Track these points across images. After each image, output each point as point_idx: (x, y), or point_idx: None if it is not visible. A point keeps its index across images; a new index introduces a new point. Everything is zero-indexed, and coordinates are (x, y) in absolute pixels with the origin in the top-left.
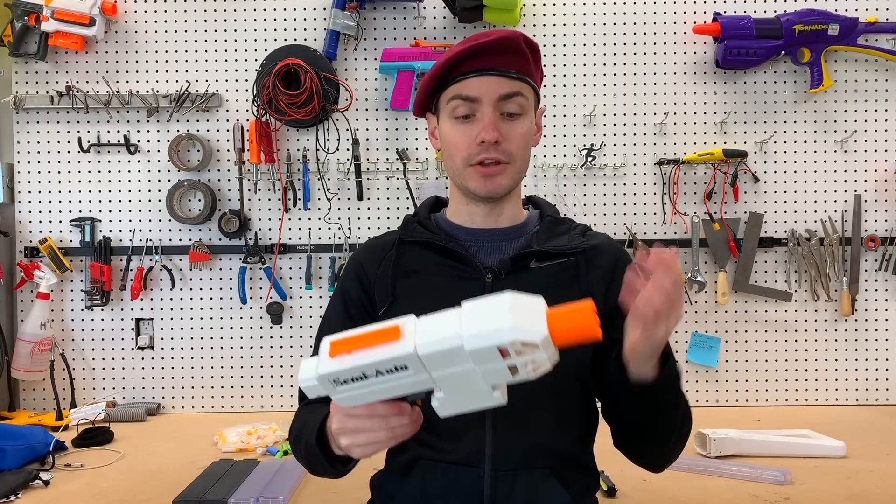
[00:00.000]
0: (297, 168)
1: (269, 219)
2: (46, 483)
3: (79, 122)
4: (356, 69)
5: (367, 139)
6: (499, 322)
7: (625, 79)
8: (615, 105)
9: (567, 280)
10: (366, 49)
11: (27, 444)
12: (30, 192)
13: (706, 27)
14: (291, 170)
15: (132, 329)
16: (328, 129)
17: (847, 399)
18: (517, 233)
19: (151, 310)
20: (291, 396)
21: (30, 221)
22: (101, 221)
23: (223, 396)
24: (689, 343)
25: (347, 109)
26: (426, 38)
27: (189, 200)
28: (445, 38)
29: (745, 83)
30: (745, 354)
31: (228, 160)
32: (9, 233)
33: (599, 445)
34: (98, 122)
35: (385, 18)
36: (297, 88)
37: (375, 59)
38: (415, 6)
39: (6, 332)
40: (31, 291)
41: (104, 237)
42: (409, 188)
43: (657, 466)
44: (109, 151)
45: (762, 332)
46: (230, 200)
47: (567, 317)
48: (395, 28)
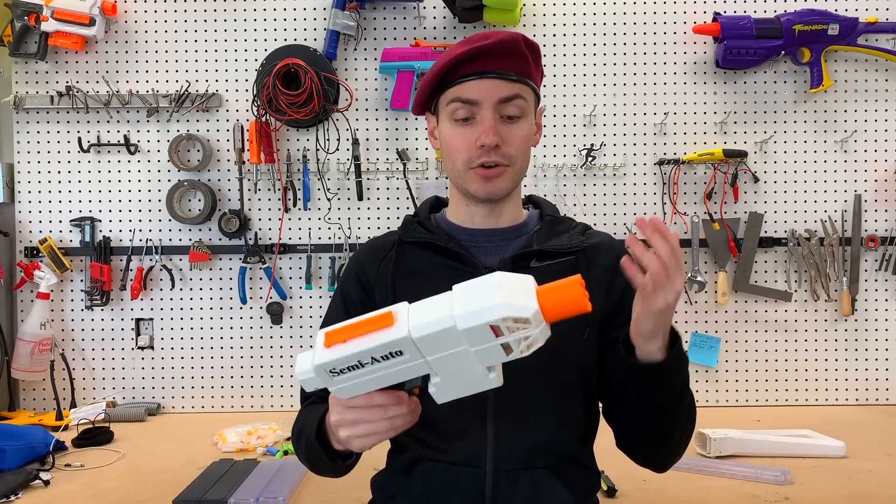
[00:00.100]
0: (297, 168)
1: (269, 219)
2: (46, 483)
3: (79, 122)
4: (356, 69)
5: (367, 139)
6: (489, 300)
7: (625, 79)
8: (615, 105)
9: None
10: (366, 49)
11: (27, 444)
12: (30, 192)
13: (706, 27)
14: (291, 170)
15: (132, 329)
16: (328, 129)
17: (847, 399)
18: (517, 232)
19: (151, 310)
20: (291, 396)
21: (30, 221)
22: (101, 221)
23: (223, 396)
24: (689, 343)
25: (347, 109)
26: (426, 38)
27: (189, 200)
28: (445, 38)
29: (745, 83)
30: (745, 354)
31: (228, 160)
32: (9, 233)
33: (600, 445)
34: (98, 122)
35: (385, 18)
36: (297, 88)
37: (375, 59)
38: (415, 6)
39: (6, 332)
40: (31, 291)
41: (104, 237)
42: (409, 188)
43: (660, 465)
44: (109, 151)
45: (762, 332)
46: (230, 200)
47: (556, 291)
48: (395, 28)
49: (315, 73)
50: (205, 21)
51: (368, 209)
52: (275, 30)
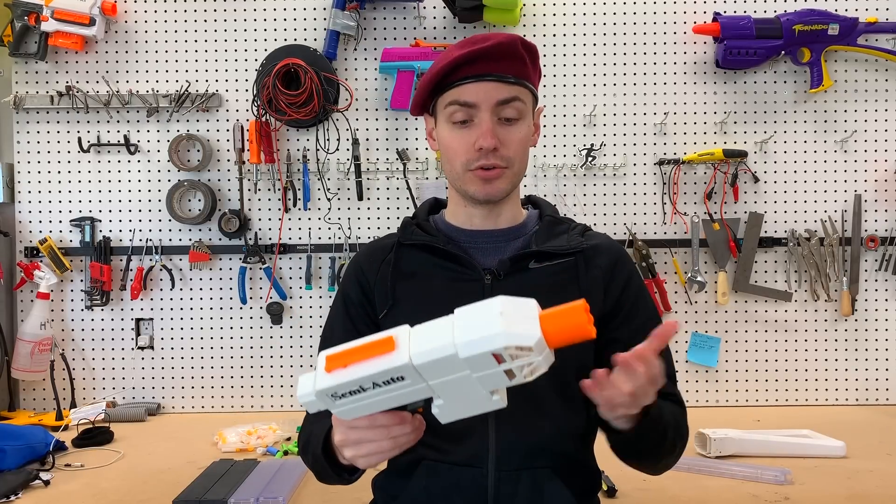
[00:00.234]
0: (297, 168)
1: (269, 219)
2: (46, 483)
3: (79, 122)
4: (356, 69)
5: (367, 139)
6: (491, 328)
7: (625, 79)
8: (615, 105)
9: (566, 280)
10: (366, 49)
11: (27, 444)
12: (30, 192)
13: (706, 27)
14: (291, 170)
15: (132, 329)
16: (328, 129)
17: (847, 399)
18: (516, 233)
19: (151, 310)
20: (291, 396)
21: (30, 221)
22: (101, 221)
23: (223, 396)
24: (689, 343)
25: (347, 109)
26: (426, 38)
27: (189, 200)
28: (445, 38)
29: (745, 83)
30: (745, 354)
31: (228, 160)
32: (9, 233)
33: (600, 445)
34: (98, 122)
35: (385, 18)
36: (297, 88)
37: (375, 59)
38: (415, 6)
39: (6, 332)
40: (31, 291)
41: (104, 237)
42: (409, 188)
43: (651, 474)
44: (109, 151)
45: (762, 332)
46: (230, 200)
47: (560, 317)
48: (395, 28)
49: (315, 73)
50: (205, 21)
51: (368, 209)
52: (275, 30)
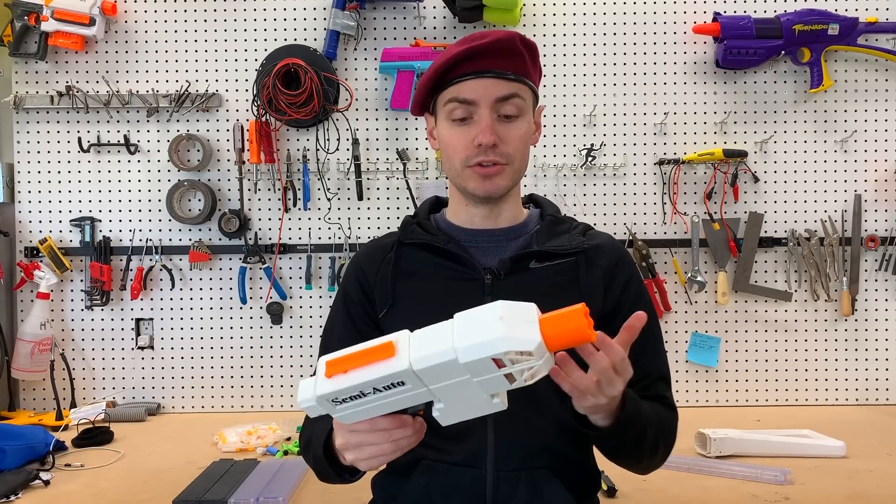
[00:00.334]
0: (297, 168)
1: (269, 219)
2: (46, 483)
3: (79, 122)
4: (356, 69)
5: (367, 139)
6: (491, 333)
7: (625, 79)
8: (615, 105)
9: (567, 281)
10: (366, 49)
11: (27, 444)
12: (30, 192)
13: (706, 27)
14: (291, 170)
15: (132, 329)
16: (328, 129)
17: (847, 399)
18: (517, 233)
19: (151, 310)
20: (291, 396)
21: (30, 221)
22: (101, 221)
23: (223, 396)
24: (689, 343)
25: (347, 109)
26: (426, 38)
27: (189, 200)
28: (445, 38)
29: (745, 83)
30: (745, 354)
31: (228, 160)
32: (9, 233)
33: None
34: (98, 122)
35: (385, 18)
36: (297, 88)
37: (375, 59)
38: (415, 6)
39: (6, 332)
40: (31, 291)
41: (104, 237)
42: (409, 188)
43: (638, 474)
44: (109, 151)
45: (762, 332)
46: (230, 200)
47: (560, 321)
48: (395, 28)
49: (315, 73)
50: (205, 21)
51: (368, 209)
52: (275, 30)
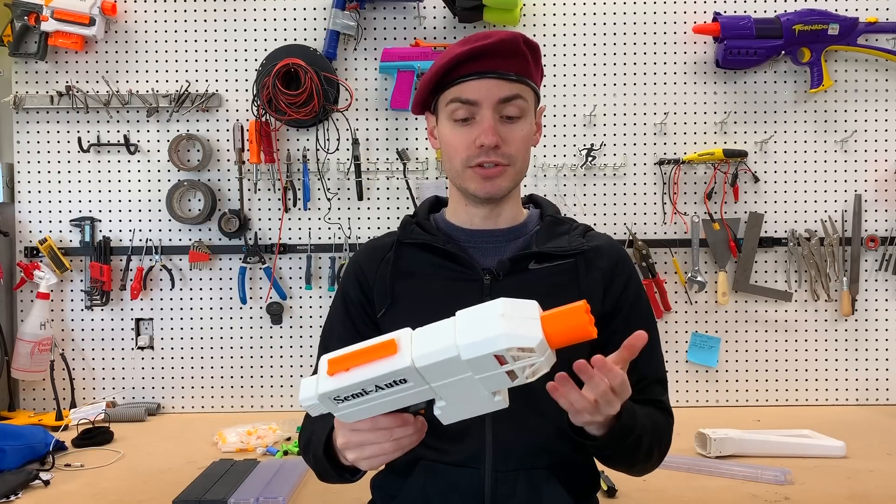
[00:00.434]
0: (297, 168)
1: (269, 219)
2: (46, 483)
3: (79, 122)
4: (356, 69)
5: (367, 139)
6: (493, 330)
7: (625, 79)
8: (615, 105)
9: (566, 282)
10: (366, 49)
11: (27, 444)
12: (30, 192)
13: (706, 27)
14: (291, 170)
15: (132, 329)
16: (328, 129)
17: (847, 399)
18: (516, 233)
19: (151, 310)
20: (291, 396)
21: (30, 221)
22: (101, 221)
23: (223, 396)
24: (689, 343)
25: (347, 109)
26: (426, 38)
27: (189, 200)
28: (445, 38)
29: (745, 83)
30: (745, 354)
31: (228, 160)
32: (9, 233)
33: None
34: (98, 122)
35: (385, 18)
36: (297, 88)
37: (375, 59)
38: (415, 6)
39: (6, 332)
40: (31, 291)
41: (104, 237)
42: (409, 188)
43: (632, 475)
44: (109, 151)
45: (762, 332)
46: (230, 200)
47: (561, 318)
48: (395, 28)
49: (315, 73)
50: (205, 21)
51: (368, 209)
52: (275, 30)
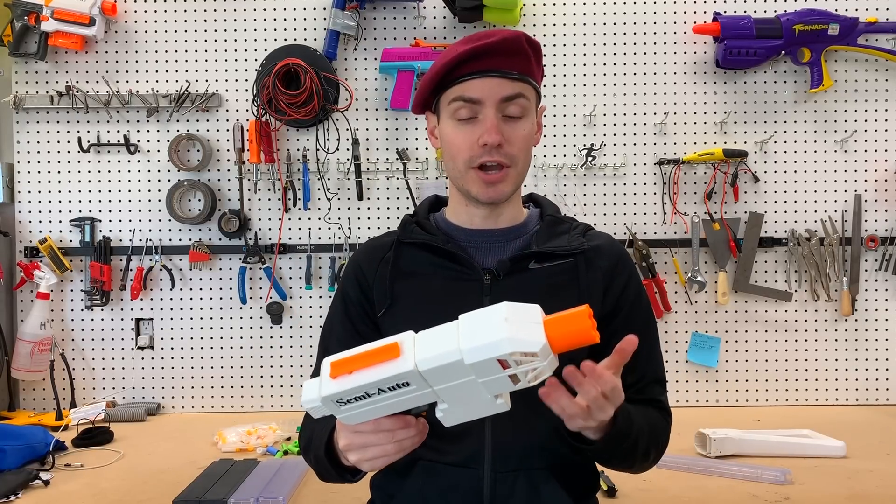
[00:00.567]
0: (297, 168)
1: (269, 219)
2: (46, 483)
3: (79, 122)
4: (356, 69)
5: (367, 139)
6: (497, 334)
7: (625, 79)
8: (615, 105)
9: (566, 281)
10: (366, 49)
11: (27, 444)
12: (30, 192)
13: (706, 27)
14: (291, 170)
15: (132, 329)
16: (328, 129)
17: (847, 399)
18: (517, 233)
19: (151, 310)
20: (291, 396)
21: (30, 221)
22: (101, 221)
23: (223, 396)
24: (689, 343)
25: (347, 109)
26: (426, 38)
27: (189, 200)
28: (445, 38)
29: (745, 83)
30: (745, 354)
31: (228, 160)
32: (9, 233)
33: None
34: (98, 122)
35: (385, 18)
36: (297, 88)
37: (375, 59)
38: (415, 6)
39: (6, 332)
40: (31, 291)
41: (104, 237)
42: (409, 188)
43: (631, 474)
44: (109, 151)
45: (762, 332)
46: (230, 200)
47: (564, 323)
48: (395, 28)
49: (315, 73)
50: (205, 21)
51: (368, 209)
52: (275, 30)
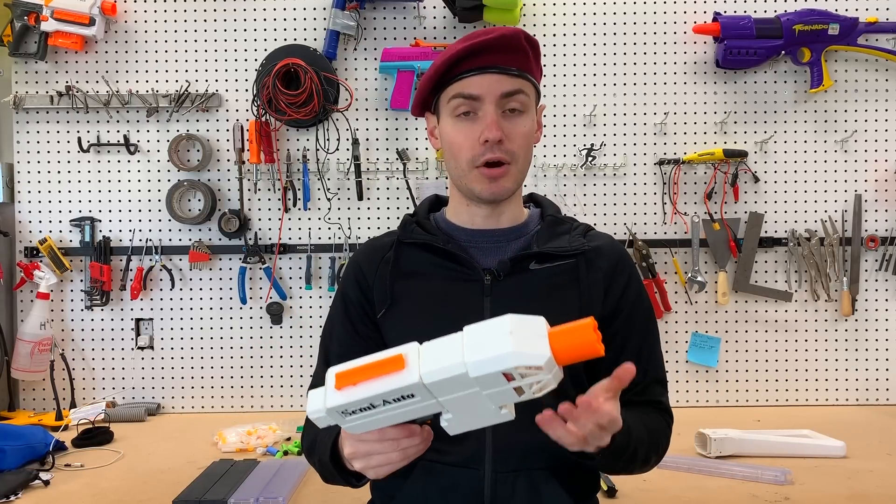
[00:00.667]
0: (297, 168)
1: (269, 219)
2: (46, 483)
3: (79, 122)
4: (356, 69)
5: (367, 139)
6: (501, 347)
7: (625, 79)
8: (615, 105)
9: (567, 282)
10: (366, 49)
11: (27, 444)
12: (30, 192)
13: (706, 27)
14: (291, 170)
15: (132, 329)
16: (328, 129)
17: (847, 399)
18: (517, 233)
19: (151, 310)
20: (291, 396)
21: (30, 221)
22: (101, 221)
23: (223, 396)
24: (689, 343)
25: (347, 109)
26: (426, 38)
27: (189, 200)
28: (445, 38)
29: (745, 83)
30: (745, 354)
31: (228, 160)
32: (9, 233)
33: None
34: (98, 122)
35: (385, 18)
36: (297, 88)
37: (375, 59)
38: (415, 6)
39: (6, 332)
40: (31, 291)
41: (104, 237)
42: (409, 188)
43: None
44: (109, 151)
45: (762, 332)
46: (230, 200)
47: (569, 336)
48: (395, 28)
49: (315, 73)
50: (205, 21)
51: (368, 209)
52: (275, 30)
